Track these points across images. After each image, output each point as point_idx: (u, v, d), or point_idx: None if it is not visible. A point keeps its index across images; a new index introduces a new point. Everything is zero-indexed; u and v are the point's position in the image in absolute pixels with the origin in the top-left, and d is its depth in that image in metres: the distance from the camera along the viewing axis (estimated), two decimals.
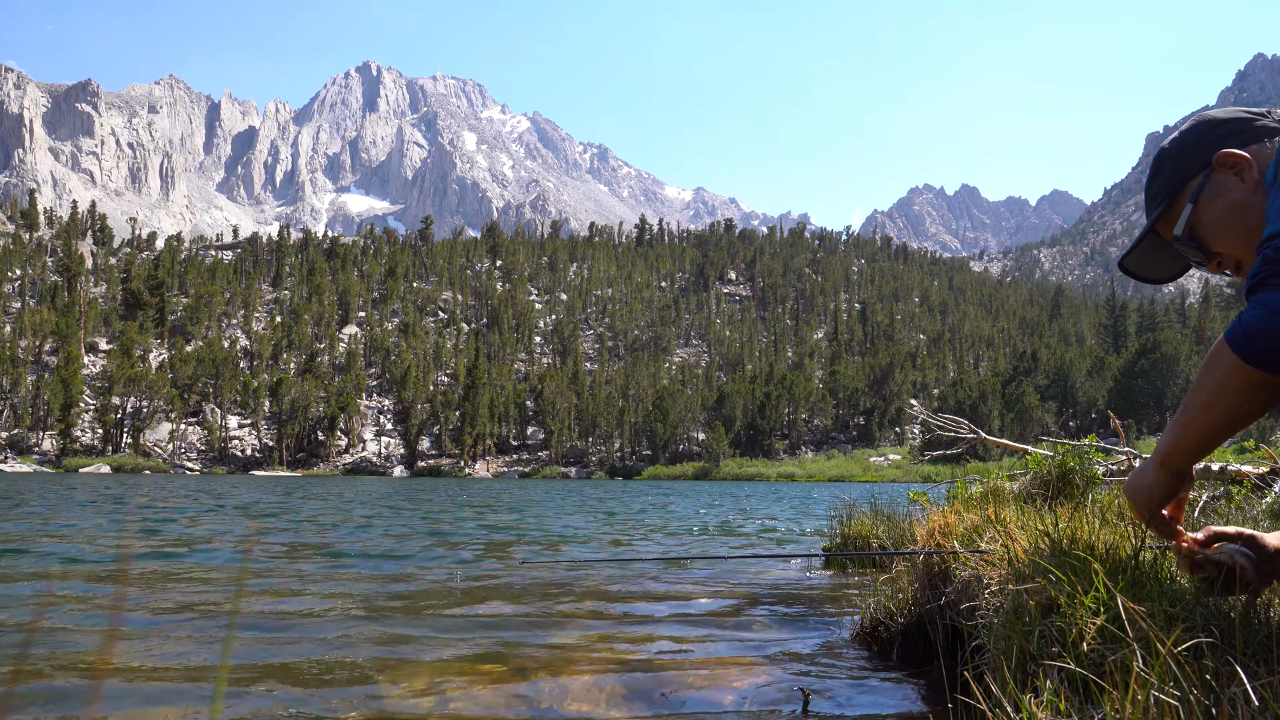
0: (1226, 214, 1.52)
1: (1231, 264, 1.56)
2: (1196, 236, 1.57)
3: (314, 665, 2.56)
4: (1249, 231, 1.49)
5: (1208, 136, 1.56)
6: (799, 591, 4.38)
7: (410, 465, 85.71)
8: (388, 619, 3.35)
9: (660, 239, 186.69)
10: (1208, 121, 1.59)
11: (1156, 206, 1.62)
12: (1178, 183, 1.58)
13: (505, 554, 6.35)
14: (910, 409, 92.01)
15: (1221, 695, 1.13)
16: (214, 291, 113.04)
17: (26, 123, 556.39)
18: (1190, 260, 1.62)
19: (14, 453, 76.17)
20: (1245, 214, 1.50)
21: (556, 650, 2.84)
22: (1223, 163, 1.52)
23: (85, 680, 2.39)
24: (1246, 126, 1.55)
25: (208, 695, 2.24)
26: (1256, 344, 1.26)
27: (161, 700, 2.17)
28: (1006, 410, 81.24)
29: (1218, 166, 1.53)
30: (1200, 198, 1.55)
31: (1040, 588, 1.52)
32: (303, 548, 6.58)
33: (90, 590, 4.20)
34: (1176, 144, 1.61)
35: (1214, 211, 1.53)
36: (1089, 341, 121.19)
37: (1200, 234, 1.56)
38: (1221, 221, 1.53)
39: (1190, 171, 1.57)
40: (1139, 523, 1.66)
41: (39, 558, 5.60)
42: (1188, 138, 1.59)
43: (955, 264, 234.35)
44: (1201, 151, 1.56)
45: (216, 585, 4.38)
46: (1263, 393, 1.31)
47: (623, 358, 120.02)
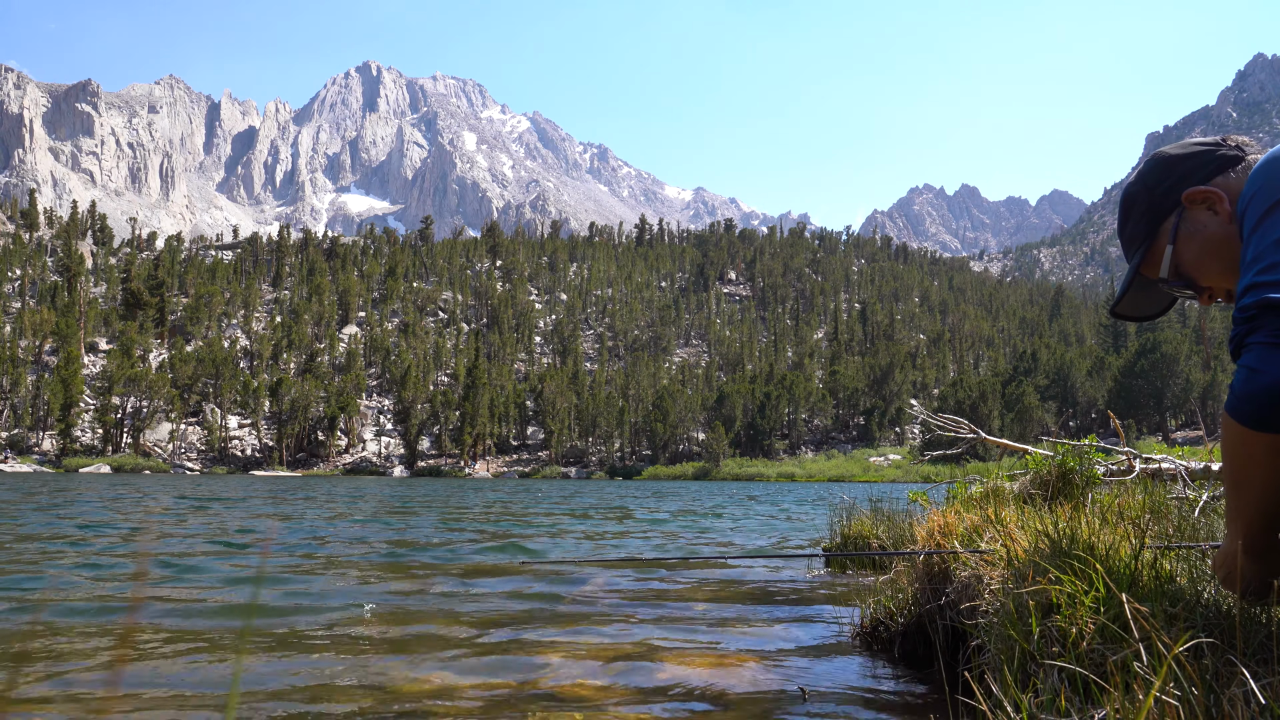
0: (1207, 249, 1.51)
1: (1223, 294, 1.55)
2: (1183, 275, 1.56)
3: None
4: (1233, 263, 1.49)
5: (1170, 175, 1.55)
6: (799, 591, 4.38)
7: (410, 465, 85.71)
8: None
9: (660, 239, 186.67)
10: (1167, 159, 1.58)
11: (1136, 250, 1.60)
12: (1152, 225, 1.57)
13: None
14: (910, 409, 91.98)
15: (1221, 695, 1.12)
16: (214, 291, 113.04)
17: (26, 123, 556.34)
18: (1178, 298, 1.61)
19: (14, 453, 76.17)
20: (1225, 247, 1.49)
21: (554, 645, 2.84)
22: (1193, 200, 1.52)
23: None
24: (1208, 159, 1.54)
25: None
26: (1252, 408, 1.23)
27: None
28: (1006, 410, 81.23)
29: (1188, 204, 1.52)
30: (1179, 237, 1.54)
31: (1040, 588, 1.52)
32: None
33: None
34: (1140, 186, 1.60)
35: (1194, 249, 1.52)
36: (1089, 341, 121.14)
37: (1187, 272, 1.55)
38: (1204, 257, 1.52)
39: (1162, 213, 1.56)
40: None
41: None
42: (1150, 179, 1.58)
43: (955, 264, 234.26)
44: (1168, 191, 1.55)
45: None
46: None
47: (623, 358, 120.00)
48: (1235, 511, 1.38)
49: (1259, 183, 1.36)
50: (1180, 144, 1.58)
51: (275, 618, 3.42)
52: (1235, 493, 1.35)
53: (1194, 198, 1.51)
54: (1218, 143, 1.55)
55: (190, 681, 2.42)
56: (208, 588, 4.34)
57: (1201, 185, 1.52)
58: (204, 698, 2.26)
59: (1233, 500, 1.37)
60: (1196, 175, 1.53)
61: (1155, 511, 2.34)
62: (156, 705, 2.18)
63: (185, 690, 2.32)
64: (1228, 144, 1.54)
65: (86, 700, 2.22)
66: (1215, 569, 1.50)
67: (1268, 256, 1.26)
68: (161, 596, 3.97)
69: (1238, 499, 1.35)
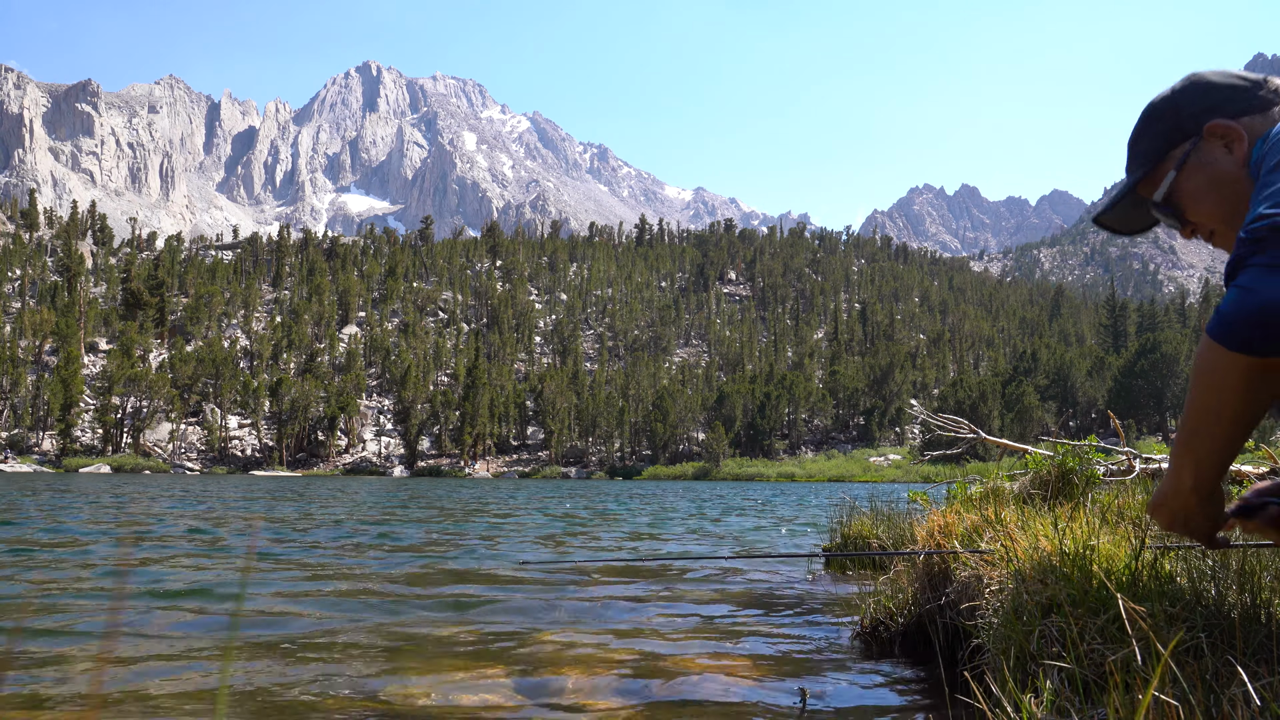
0: (1210, 186, 1.48)
1: (1205, 232, 1.54)
2: (1174, 203, 1.54)
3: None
4: (1229, 206, 1.47)
5: (1201, 101, 1.50)
6: (799, 591, 4.38)
7: (410, 465, 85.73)
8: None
9: (660, 239, 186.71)
10: (1202, 84, 1.52)
11: (1140, 167, 1.57)
12: (1164, 146, 1.53)
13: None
14: (910, 409, 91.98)
15: (1221, 695, 1.12)
16: (214, 291, 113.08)
17: (26, 123, 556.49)
18: (1164, 222, 1.59)
19: (14, 453, 76.18)
20: (1229, 187, 1.46)
21: (555, 648, 2.84)
22: (1213, 133, 1.47)
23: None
24: (1242, 95, 1.48)
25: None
26: (1237, 328, 1.18)
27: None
28: (1006, 410, 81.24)
29: (1207, 136, 1.48)
30: (1185, 166, 1.50)
31: (1040, 588, 1.52)
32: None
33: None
34: (1168, 104, 1.54)
35: (1197, 182, 1.49)
36: (1089, 341, 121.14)
37: (1179, 201, 1.53)
38: (1203, 192, 1.49)
39: (1179, 136, 1.52)
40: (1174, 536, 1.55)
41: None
42: (1180, 99, 1.53)
43: (955, 264, 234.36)
44: (1193, 116, 1.50)
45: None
46: (1261, 382, 1.22)
47: (623, 358, 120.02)
48: (1194, 447, 1.32)
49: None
50: (1222, 72, 1.52)
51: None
52: (1199, 426, 1.29)
53: (1215, 131, 1.47)
54: (1259, 82, 1.49)
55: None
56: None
57: (1229, 120, 1.46)
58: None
59: (1194, 435, 1.31)
60: (1227, 109, 1.47)
61: None
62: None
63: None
64: (1268, 86, 1.49)
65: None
66: (1155, 510, 1.42)
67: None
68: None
69: (1201, 433, 1.29)
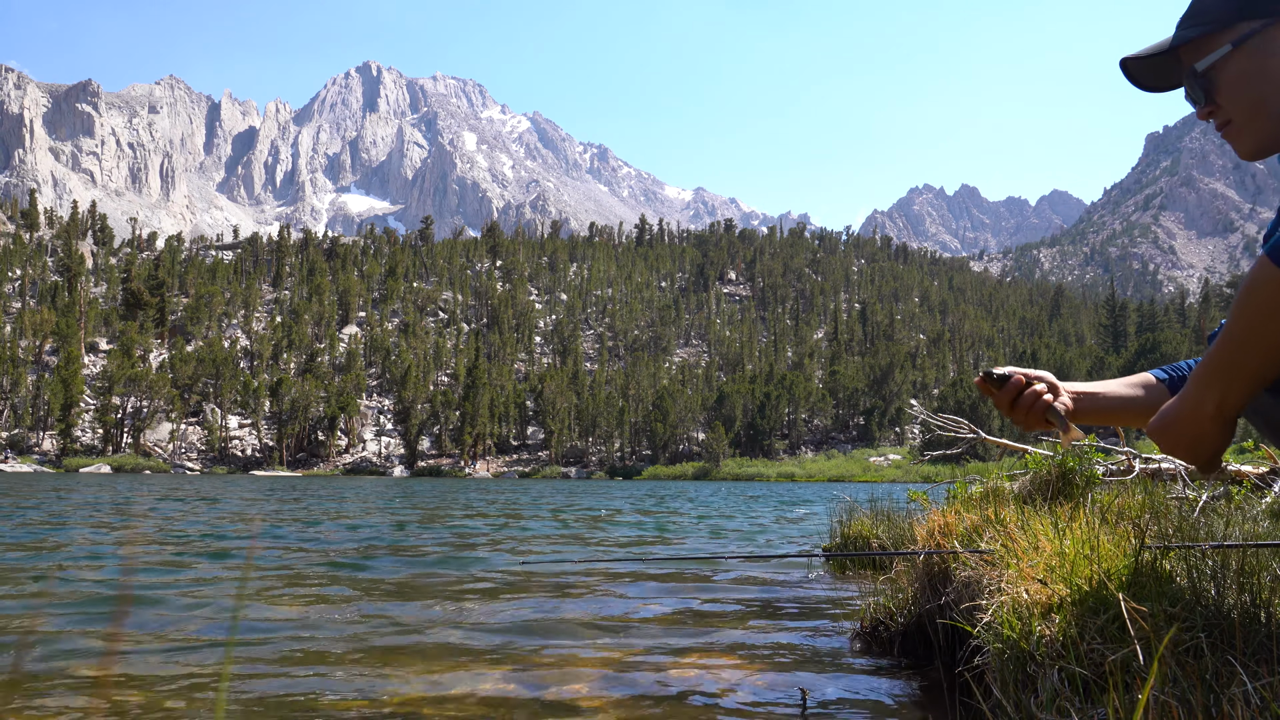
0: (1259, 76, 1.34)
1: (1224, 120, 1.42)
2: (1211, 78, 1.39)
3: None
4: (1266, 105, 1.35)
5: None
6: (799, 591, 4.38)
7: (410, 465, 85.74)
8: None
9: (660, 239, 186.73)
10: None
11: (1197, 26, 1.40)
12: (1232, 14, 1.36)
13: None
14: (910, 409, 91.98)
15: (1221, 695, 1.11)
16: (214, 291, 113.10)
17: (26, 123, 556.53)
18: (1188, 92, 1.46)
19: (14, 453, 76.20)
20: (1274, 88, 1.34)
21: (554, 648, 2.84)
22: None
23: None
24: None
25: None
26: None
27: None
28: None
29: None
30: (1245, 46, 1.35)
31: (1040, 588, 1.51)
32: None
33: None
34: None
35: (1248, 66, 1.35)
36: (1089, 341, 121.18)
37: (1218, 77, 1.39)
38: (1250, 80, 1.35)
39: (1250, 13, 1.35)
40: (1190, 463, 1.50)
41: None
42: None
43: (955, 264, 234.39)
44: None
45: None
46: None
47: (623, 358, 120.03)
48: (1227, 375, 1.27)
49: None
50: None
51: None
52: (1238, 353, 1.24)
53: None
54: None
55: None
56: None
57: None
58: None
59: (1231, 363, 1.26)
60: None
61: (1155, 511, 2.34)
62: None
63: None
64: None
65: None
66: (1160, 433, 1.38)
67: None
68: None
69: (1238, 360, 1.24)
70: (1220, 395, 1.30)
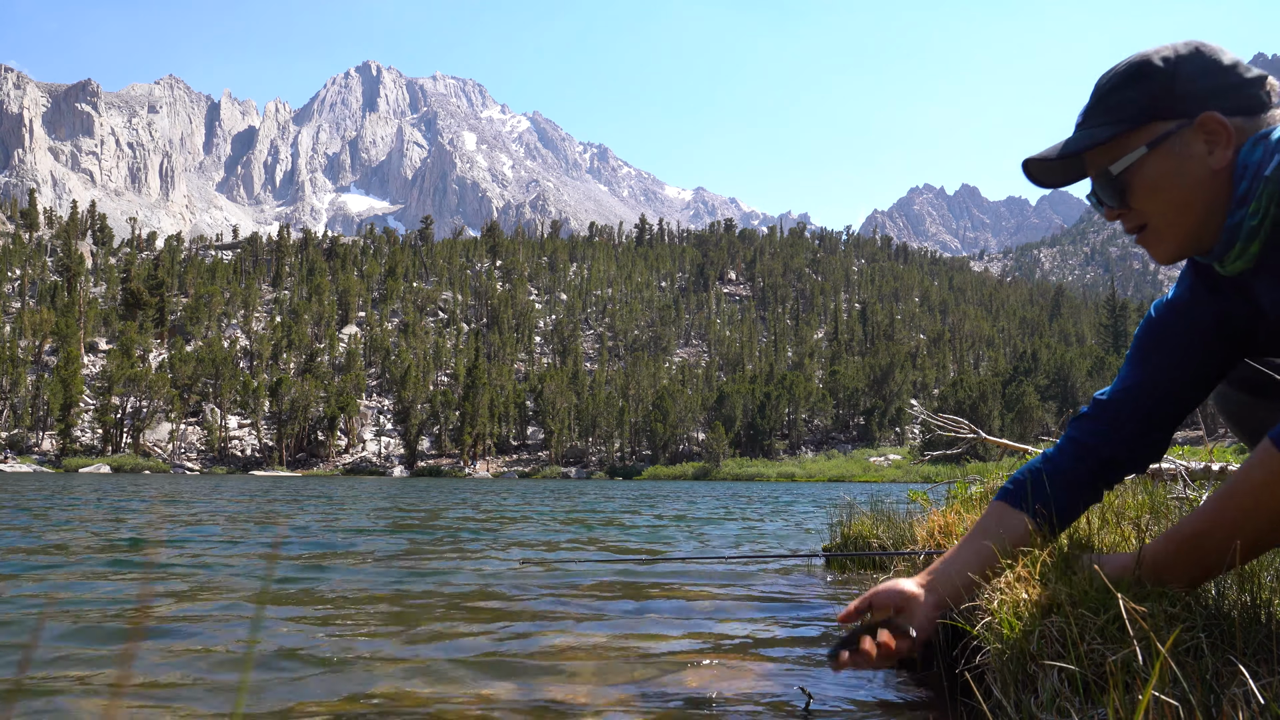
0: (1176, 179, 1.30)
1: (1136, 223, 1.37)
2: (1125, 180, 1.34)
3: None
4: (1186, 208, 1.31)
5: (1202, 81, 1.29)
6: (799, 592, 4.38)
7: (410, 465, 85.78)
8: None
9: (660, 239, 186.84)
10: (1209, 61, 1.30)
11: (1107, 125, 1.34)
12: (1145, 115, 1.31)
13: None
14: (910, 409, 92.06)
15: (1221, 695, 1.11)
16: (214, 291, 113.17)
17: (26, 123, 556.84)
18: (1097, 193, 1.40)
19: (14, 453, 76.23)
20: (1194, 189, 1.30)
21: (553, 648, 2.83)
22: (1205, 126, 1.28)
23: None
24: (1243, 90, 1.29)
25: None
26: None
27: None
28: (1007, 410, 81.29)
29: (1197, 126, 1.28)
30: (1161, 148, 1.30)
31: (1040, 587, 1.50)
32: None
33: None
34: (1166, 69, 1.30)
35: (1163, 169, 1.30)
36: (1089, 341, 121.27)
37: (1131, 180, 1.33)
38: (1166, 183, 1.31)
39: (1166, 111, 1.30)
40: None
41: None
42: (1181, 68, 1.30)
43: (955, 264, 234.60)
44: (1189, 97, 1.29)
45: None
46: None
47: (623, 358, 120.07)
48: (1218, 565, 1.28)
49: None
50: (1229, 54, 1.31)
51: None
52: (1248, 550, 1.24)
53: (1208, 125, 1.28)
54: (1260, 79, 1.30)
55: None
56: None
57: (1225, 117, 1.27)
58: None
59: (1219, 554, 1.26)
60: (1224, 101, 1.28)
61: (1155, 511, 2.33)
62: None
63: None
64: (1266, 86, 1.30)
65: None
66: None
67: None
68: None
69: (1238, 530, 1.22)
70: (1200, 577, 1.31)
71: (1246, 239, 1.26)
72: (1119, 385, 1.59)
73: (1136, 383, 1.55)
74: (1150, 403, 1.54)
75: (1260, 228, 1.24)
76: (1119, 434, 1.57)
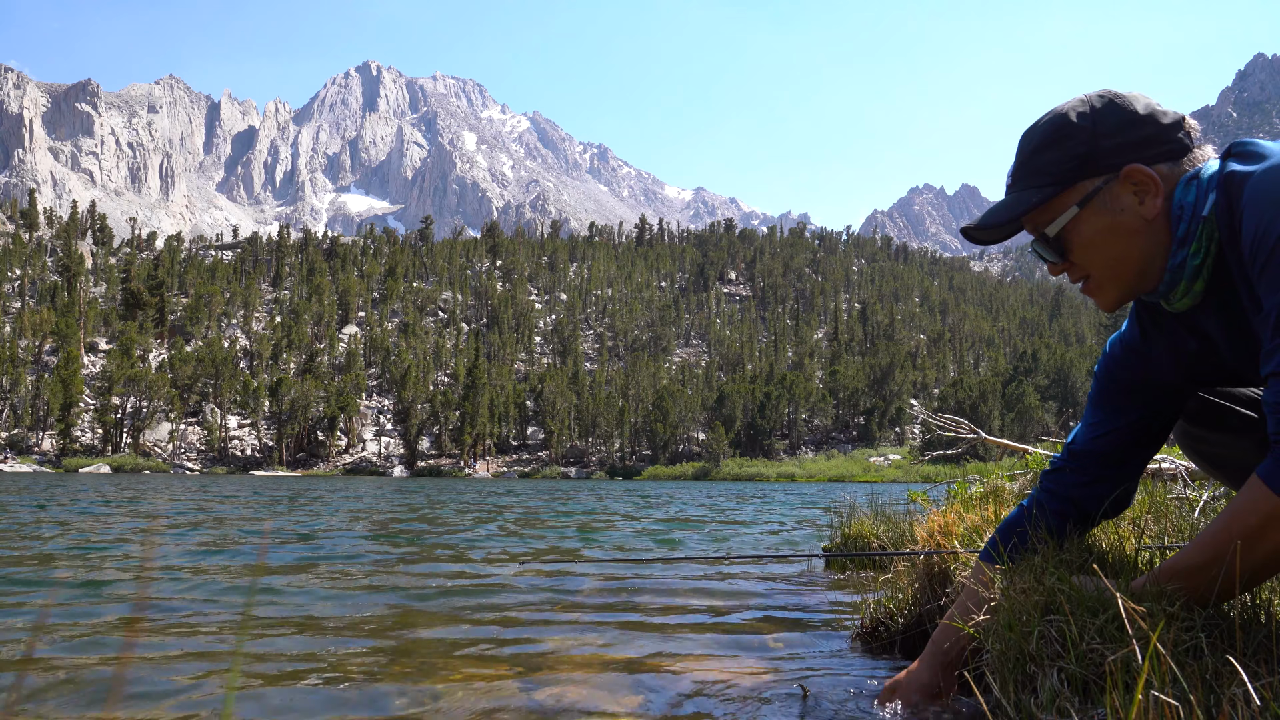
0: (1110, 233, 1.33)
1: (1080, 275, 1.40)
2: (1062, 239, 1.37)
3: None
4: (1123, 259, 1.34)
5: (1122, 134, 1.31)
6: (799, 592, 4.38)
7: (410, 465, 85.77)
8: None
9: (660, 239, 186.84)
10: (1126, 113, 1.32)
11: (1036, 188, 1.35)
12: (1071, 175, 1.33)
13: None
14: (910, 409, 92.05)
15: (1221, 695, 1.11)
16: (214, 291, 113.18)
17: (26, 123, 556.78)
18: (1039, 250, 1.43)
19: (14, 453, 76.22)
20: (1128, 240, 1.33)
21: (551, 648, 2.83)
22: (1130, 178, 1.31)
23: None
24: (1163, 137, 1.32)
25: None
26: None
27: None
28: (1007, 410, 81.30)
29: (1123, 179, 1.31)
30: (1090, 204, 1.33)
31: (1040, 587, 1.50)
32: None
33: None
34: (1085, 126, 1.32)
35: (1097, 225, 1.33)
36: (1089, 341, 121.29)
37: (1069, 238, 1.37)
38: (1101, 239, 1.34)
39: (1091, 170, 1.33)
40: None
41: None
42: (1100, 124, 1.32)
43: (955, 264, 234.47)
44: (1111, 151, 1.31)
45: None
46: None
47: (623, 358, 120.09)
48: (1207, 594, 1.28)
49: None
50: (1144, 100, 1.33)
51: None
52: (1246, 581, 1.24)
53: (1134, 177, 1.31)
54: (1178, 123, 1.32)
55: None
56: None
57: (1149, 166, 1.30)
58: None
59: (1210, 585, 1.26)
60: (1146, 151, 1.31)
61: (1154, 511, 2.33)
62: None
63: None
64: (1184, 128, 1.32)
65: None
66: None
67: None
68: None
69: (1232, 567, 1.23)
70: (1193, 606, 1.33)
71: (1191, 277, 1.30)
72: (1090, 434, 1.61)
73: (1108, 430, 1.58)
74: (1122, 450, 1.58)
75: (1203, 266, 1.28)
76: (1098, 488, 1.61)
